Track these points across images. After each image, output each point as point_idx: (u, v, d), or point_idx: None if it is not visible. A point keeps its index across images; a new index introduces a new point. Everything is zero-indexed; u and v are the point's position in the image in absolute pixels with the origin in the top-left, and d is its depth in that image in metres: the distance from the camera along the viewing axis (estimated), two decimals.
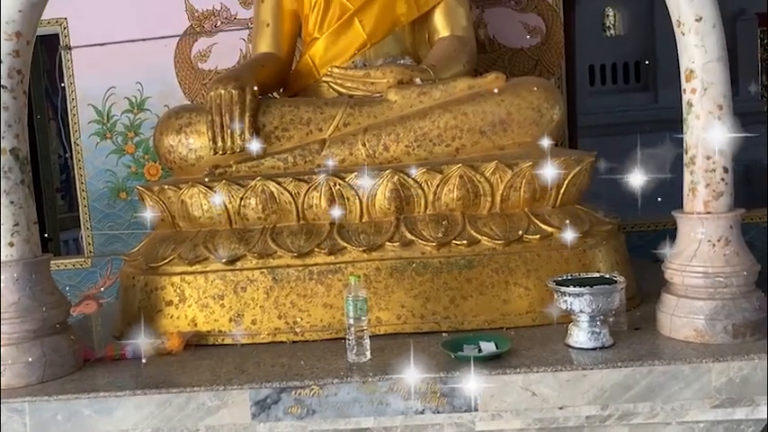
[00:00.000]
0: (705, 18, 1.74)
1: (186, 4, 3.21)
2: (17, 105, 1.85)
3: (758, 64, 6.40)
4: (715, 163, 1.78)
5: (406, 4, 2.60)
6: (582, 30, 4.54)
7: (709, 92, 1.76)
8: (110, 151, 3.27)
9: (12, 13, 1.82)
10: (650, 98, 6.47)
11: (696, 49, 1.76)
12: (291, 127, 2.31)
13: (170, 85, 3.22)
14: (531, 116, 2.25)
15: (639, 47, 6.65)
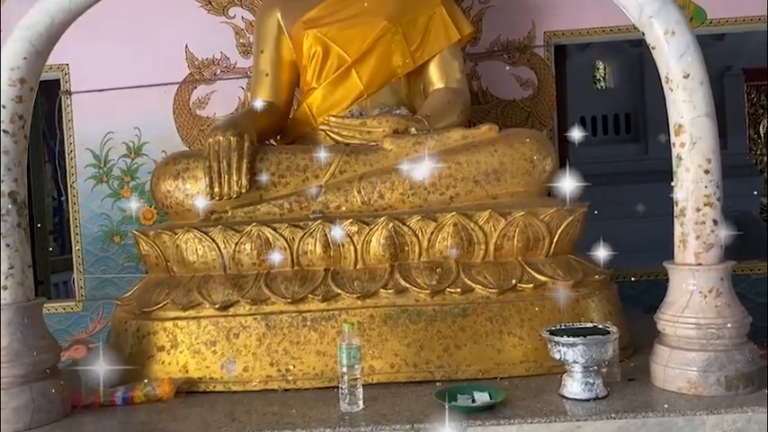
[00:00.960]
0: (693, 75, 1.79)
1: (186, 53, 3.27)
2: (17, 150, 1.87)
3: (745, 118, 6.54)
4: (705, 215, 1.81)
5: (403, 57, 2.67)
6: (573, 82, 4.65)
7: (698, 146, 1.81)
8: (105, 195, 3.28)
9: (17, 60, 1.86)
10: (641, 149, 6.58)
11: (684, 105, 1.81)
12: (288, 173, 2.34)
13: (168, 130, 3.26)
14: (523, 166, 2.29)
15: (629, 99, 6.80)
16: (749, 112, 6.53)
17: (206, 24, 3.25)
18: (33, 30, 1.86)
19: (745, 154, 6.35)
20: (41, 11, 1.87)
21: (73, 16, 1.90)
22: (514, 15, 3.22)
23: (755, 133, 6.56)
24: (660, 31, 1.80)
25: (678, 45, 1.79)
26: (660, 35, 1.80)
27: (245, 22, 3.25)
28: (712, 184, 1.81)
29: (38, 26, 1.87)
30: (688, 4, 3.17)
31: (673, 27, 1.79)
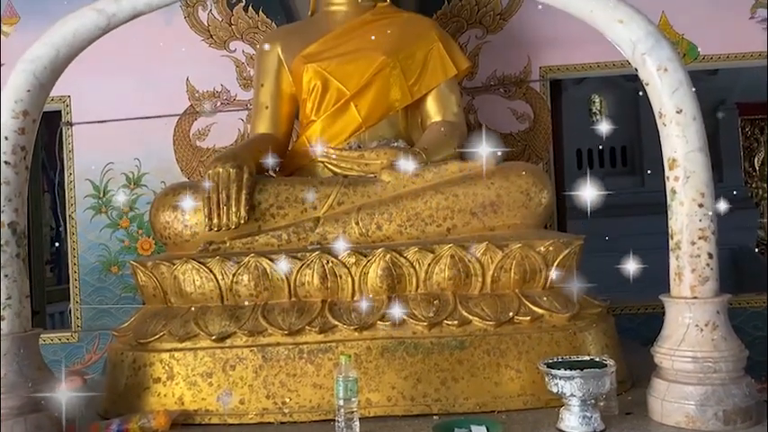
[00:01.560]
0: (685, 111, 1.82)
1: (187, 85, 3.31)
2: (18, 181, 1.89)
3: (740, 151, 6.60)
4: (700, 249, 1.82)
5: (401, 91, 2.71)
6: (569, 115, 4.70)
7: (692, 180, 1.83)
8: (104, 225, 3.29)
9: (20, 92, 1.89)
10: (637, 182, 6.62)
11: (678, 140, 1.83)
12: (286, 205, 2.35)
13: (167, 161, 3.29)
14: (520, 199, 2.31)
15: (625, 132, 6.85)
16: (744, 146, 6.58)
17: (207, 58, 3.30)
18: (38, 63, 1.90)
19: (741, 187, 6.39)
20: (46, 44, 1.90)
21: (77, 50, 1.94)
22: (510, 51, 3.27)
23: (750, 166, 6.60)
24: (653, 68, 1.83)
25: (671, 81, 1.82)
26: (653, 72, 1.84)
27: (246, 56, 3.30)
28: (707, 218, 1.83)
29: (42, 59, 1.90)
30: (681, 41, 3.23)
31: (665, 64, 1.83)
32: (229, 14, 3.31)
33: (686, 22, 3.23)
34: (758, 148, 6.59)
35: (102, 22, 1.89)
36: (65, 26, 1.90)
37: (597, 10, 1.87)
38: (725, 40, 3.22)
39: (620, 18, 1.85)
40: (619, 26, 1.86)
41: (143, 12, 1.91)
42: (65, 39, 1.88)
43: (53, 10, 3.24)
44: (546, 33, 3.21)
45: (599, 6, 1.87)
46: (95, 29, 1.90)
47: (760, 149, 6.57)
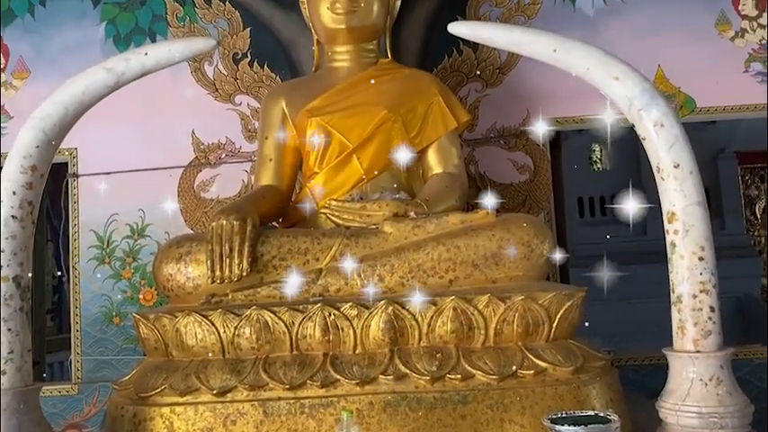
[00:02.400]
0: (682, 165, 1.85)
1: (193, 137, 3.37)
2: (24, 234, 1.91)
3: (741, 199, 6.64)
4: (701, 302, 1.82)
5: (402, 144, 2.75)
6: (569, 164, 4.75)
7: (691, 233, 1.85)
8: (107, 276, 3.30)
9: (29, 148, 1.93)
10: (639, 230, 6.63)
11: (676, 194, 1.86)
12: (289, 256, 2.36)
13: (172, 212, 3.31)
14: (521, 251, 2.32)
15: (626, 180, 6.90)
16: (745, 194, 6.63)
17: (212, 111, 3.37)
18: (47, 120, 1.94)
19: (743, 234, 6.40)
20: (56, 102, 1.95)
21: (85, 107, 1.99)
22: (509, 103, 3.33)
23: (752, 214, 6.64)
24: (649, 124, 1.87)
25: (667, 137, 1.86)
26: (650, 127, 1.88)
27: (251, 109, 3.37)
28: (707, 271, 1.83)
29: (52, 116, 1.95)
30: (677, 93, 3.29)
31: (661, 120, 1.87)
32: (235, 69, 3.39)
33: (682, 75, 3.30)
34: (759, 197, 6.63)
35: (110, 80, 1.94)
36: (74, 84, 1.95)
37: (593, 67, 1.92)
38: (721, 93, 3.28)
39: (615, 75, 1.90)
40: (615, 83, 1.91)
41: (151, 70, 1.97)
42: (74, 97, 1.93)
43: (63, 63, 3.38)
44: (544, 87, 3.27)
45: (595, 64, 1.92)
46: (104, 87, 1.95)
47: (761, 198, 6.62)
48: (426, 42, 3.35)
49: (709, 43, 3.29)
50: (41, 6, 3.48)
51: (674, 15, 3.31)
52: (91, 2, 3.47)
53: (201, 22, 3.42)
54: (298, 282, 2.27)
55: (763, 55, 3.31)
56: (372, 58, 2.94)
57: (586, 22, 3.35)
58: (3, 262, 1.85)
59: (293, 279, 2.28)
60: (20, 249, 1.90)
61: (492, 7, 3.38)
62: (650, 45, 3.26)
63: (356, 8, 2.78)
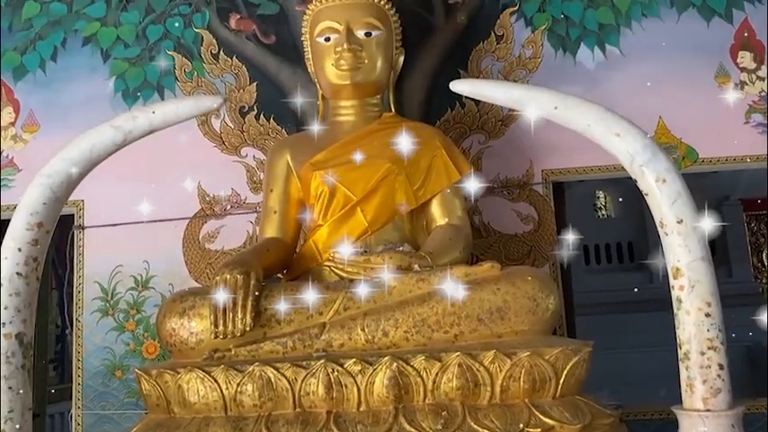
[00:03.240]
0: (686, 221, 1.86)
1: (198, 189, 3.40)
2: (29, 291, 1.91)
3: (748, 246, 6.61)
4: (710, 359, 1.80)
5: (405, 196, 2.76)
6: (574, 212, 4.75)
7: (697, 289, 1.84)
8: (110, 328, 3.29)
9: (36, 205, 1.95)
10: (645, 277, 6.59)
11: (680, 249, 1.86)
12: (292, 311, 2.35)
13: (176, 264, 3.32)
14: (527, 305, 2.31)
15: (631, 227, 6.90)
16: (751, 241, 6.61)
17: (219, 163, 3.41)
18: (55, 177, 1.97)
19: (751, 282, 6.35)
20: (64, 159, 1.98)
21: (93, 165, 2.02)
22: (512, 155, 3.36)
23: (759, 261, 6.60)
24: (652, 180, 1.88)
25: (669, 192, 1.87)
26: (652, 183, 1.89)
27: (256, 160, 3.41)
28: (714, 328, 1.82)
29: (59, 174, 1.98)
30: (679, 144, 3.32)
31: (663, 175, 1.88)
32: (241, 122, 3.44)
33: (684, 126, 3.33)
34: (765, 244, 6.60)
35: (118, 138, 1.98)
36: (83, 142, 1.99)
37: (594, 124, 1.95)
38: (723, 144, 3.30)
39: (616, 132, 1.92)
40: (616, 139, 1.93)
41: (159, 128, 2.00)
42: (82, 154, 1.96)
43: (72, 117, 3.44)
44: (547, 139, 3.29)
45: (596, 121, 1.94)
46: (112, 144, 1.99)
47: (767, 245, 6.59)
48: (429, 95, 3.40)
49: (709, 95, 3.33)
50: (53, 62, 3.56)
51: (673, 68, 3.35)
52: (101, 57, 3.55)
53: (209, 76, 3.49)
54: (301, 337, 2.26)
55: (763, 106, 3.34)
56: (376, 111, 2.99)
57: (587, 75, 3.40)
58: (6, 319, 1.85)
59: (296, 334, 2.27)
60: (23, 306, 1.90)
61: (494, 61, 3.43)
62: (651, 97, 3.30)
63: (360, 65, 2.83)
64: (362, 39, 2.84)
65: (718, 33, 3.41)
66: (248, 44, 3.51)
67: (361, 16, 2.85)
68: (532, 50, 3.44)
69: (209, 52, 3.51)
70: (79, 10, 3.59)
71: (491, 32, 3.45)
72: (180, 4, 3.56)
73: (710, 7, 3.45)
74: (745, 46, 3.40)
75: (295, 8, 3.52)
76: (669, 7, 3.46)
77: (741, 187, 6.35)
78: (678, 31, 3.42)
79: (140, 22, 3.55)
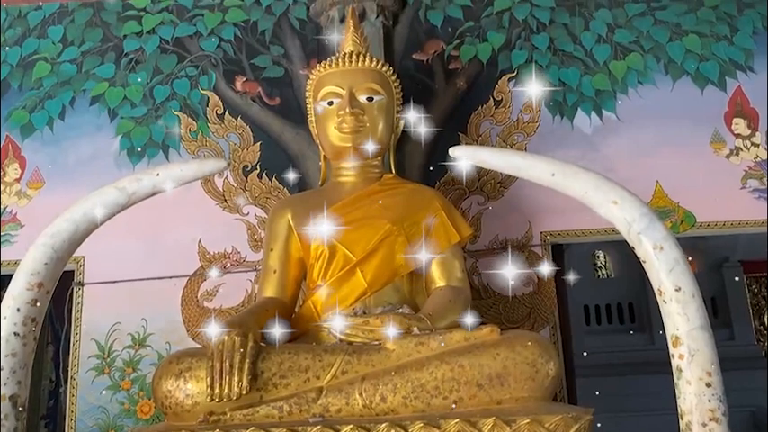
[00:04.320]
0: (684, 289, 1.86)
1: (199, 247, 3.41)
2: (25, 352, 1.91)
3: (749, 309, 6.57)
4: (712, 431, 1.78)
5: (405, 257, 2.77)
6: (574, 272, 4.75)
7: (697, 358, 1.83)
8: (105, 387, 3.25)
9: (38, 265, 1.96)
10: (646, 339, 6.53)
11: (679, 317, 1.86)
12: (289, 374, 2.32)
13: (174, 322, 3.31)
14: (527, 371, 2.28)
15: (632, 288, 6.87)
16: (752, 303, 6.57)
17: (220, 221, 3.44)
18: (57, 237, 1.99)
19: (753, 345, 6.29)
20: (68, 220, 2.00)
21: (96, 225, 2.03)
22: (511, 216, 3.39)
23: (761, 324, 6.55)
24: (649, 247, 1.90)
25: (667, 260, 1.88)
26: (649, 250, 1.90)
27: (258, 219, 3.44)
28: (715, 398, 1.80)
29: (62, 234, 1.99)
30: (677, 209, 3.35)
31: (661, 243, 1.90)
32: (244, 181, 3.49)
33: (681, 191, 3.37)
34: (766, 306, 6.57)
35: (122, 199, 2.00)
36: (86, 202, 2.01)
37: (592, 191, 1.98)
38: (720, 208, 3.34)
39: (613, 199, 1.95)
40: (613, 207, 1.95)
41: (162, 190, 2.03)
42: (86, 215, 1.99)
43: (77, 175, 3.49)
44: (545, 201, 3.33)
45: (593, 188, 1.97)
46: (116, 205, 2.01)
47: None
48: (429, 157, 3.46)
49: (705, 161, 3.39)
50: (60, 120, 3.64)
51: (669, 134, 3.43)
52: (108, 116, 3.63)
53: (213, 136, 3.55)
54: (297, 401, 2.23)
55: (759, 172, 3.39)
56: (377, 173, 3.03)
57: (585, 139, 3.47)
58: (1, 380, 1.83)
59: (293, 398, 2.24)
60: (19, 367, 1.89)
61: (492, 125, 3.51)
62: (648, 162, 3.37)
63: (361, 128, 2.89)
64: (364, 103, 2.90)
65: (712, 100, 3.50)
66: (253, 105, 3.59)
67: (363, 81, 2.92)
68: (530, 115, 3.51)
69: (214, 113, 3.58)
70: (89, 70, 3.69)
71: (490, 97, 3.53)
72: (187, 66, 3.66)
73: (704, 75, 3.55)
74: (739, 113, 3.48)
75: (299, 71, 3.63)
76: (664, 75, 3.56)
77: (741, 249, 6.35)
78: (673, 98, 3.51)
79: (148, 82, 3.65)
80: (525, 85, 3.53)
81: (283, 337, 2.79)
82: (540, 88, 3.51)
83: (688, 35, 3.60)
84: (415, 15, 3.70)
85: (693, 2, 3.66)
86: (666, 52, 3.59)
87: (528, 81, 3.53)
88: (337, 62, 2.98)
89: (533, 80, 3.52)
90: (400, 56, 3.61)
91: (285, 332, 2.65)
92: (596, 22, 3.65)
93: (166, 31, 3.72)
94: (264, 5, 3.74)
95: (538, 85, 3.51)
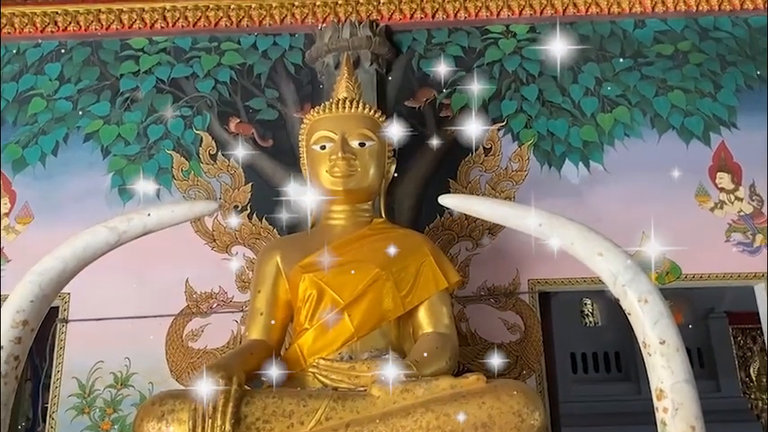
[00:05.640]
0: (668, 342, 1.88)
1: (186, 286, 3.40)
2: (6, 391, 1.88)
3: (735, 360, 6.58)
4: None
5: (393, 302, 2.77)
6: (561, 318, 4.75)
7: (681, 412, 1.83)
8: (84, 427, 3.18)
9: (24, 302, 1.95)
10: (633, 389, 6.50)
11: (663, 371, 1.87)
12: (273, 419, 2.30)
13: (158, 361, 3.27)
14: (512, 421, 2.27)
15: (619, 337, 6.87)
16: (738, 355, 6.58)
17: (208, 261, 3.43)
18: (45, 275, 1.98)
19: (739, 397, 6.27)
20: (56, 258, 2.00)
21: (84, 264, 2.04)
22: (499, 263, 3.41)
23: (747, 376, 6.54)
24: (634, 300, 1.92)
25: (652, 313, 1.90)
26: (635, 303, 1.92)
27: (246, 259, 3.43)
28: None
29: (50, 272, 1.99)
30: (663, 260, 3.38)
31: (645, 296, 1.92)
32: (234, 221, 3.50)
33: (666, 242, 3.40)
34: (752, 358, 6.58)
35: (112, 238, 2.01)
36: (76, 241, 2.02)
37: (577, 243, 2.01)
38: (705, 261, 3.38)
39: (599, 251, 1.98)
40: (599, 258, 1.98)
41: (153, 230, 2.04)
42: (74, 253, 1.99)
43: (67, 211, 3.48)
44: (533, 248, 3.33)
45: (579, 240, 2.00)
46: (105, 245, 2.02)
47: (754, 359, 6.56)
48: (419, 202, 3.50)
49: (690, 213, 3.44)
50: (53, 156, 3.65)
51: (655, 186, 3.48)
52: (101, 153, 3.64)
53: (205, 176, 3.58)
54: None
55: (743, 226, 3.45)
56: (367, 217, 3.05)
57: (572, 189, 3.52)
58: None
59: None
60: None
61: (482, 172, 3.56)
62: (634, 213, 3.41)
63: (353, 172, 2.92)
64: (356, 148, 2.94)
65: (696, 155, 3.58)
66: (246, 146, 3.62)
67: (355, 127, 2.96)
68: (519, 164, 3.57)
69: (207, 153, 3.62)
70: (84, 108, 3.72)
71: (480, 145, 3.59)
72: (182, 106, 3.70)
73: (689, 130, 3.63)
74: (723, 167, 3.55)
75: (293, 115, 3.68)
76: (650, 128, 3.64)
77: (727, 300, 6.39)
78: (659, 151, 3.59)
79: (142, 121, 3.68)
80: (514, 134, 3.60)
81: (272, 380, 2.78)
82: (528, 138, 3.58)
83: (673, 90, 3.70)
84: (408, 64, 3.79)
85: (679, 58, 3.77)
86: (653, 106, 3.68)
87: (517, 130, 3.61)
88: (331, 107, 3.03)
89: (522, 129, 3.60)
90: (393, 103, 3.68)
91: (280, 373, 2.65)
92: (584, 75, 3.74)
93: (163, 72, 3.77)
94: (261, 50, 3.81)
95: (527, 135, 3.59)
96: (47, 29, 3.82)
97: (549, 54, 3.74)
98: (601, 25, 3.83)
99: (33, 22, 3.82)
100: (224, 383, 2.28)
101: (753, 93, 3.68)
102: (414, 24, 3.80)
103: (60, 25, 3.83)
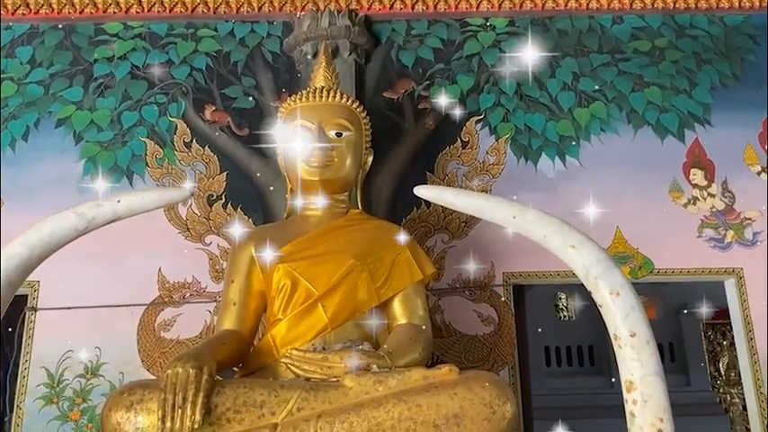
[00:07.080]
0: (639, 335, 1.89)
1: (159, 275, 3.36)
2: None
3: (705, 355, 6.68)
4: None
5: (368, 293, 2.76)
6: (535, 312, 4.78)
7: (650, 404, 1.85)
8: (52, 417, 3.14)
9: None
10: (605, 382, 6.56)
11: (633, 363, 1.88)
12: (244, 409, 2.28)
13: (129, 351, 3.23)
14: (483, 412, 2.28)
15: (593, 331, 6.92)
16: (708, 350, 6.68)
17: (181, 249, 3.39)
18: (10, 261, 1.94)
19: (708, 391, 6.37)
20: (22, 244, 1.96)
21: (52, 250, 2.00)
22: (474, 256, 3.41)
23: (716, 371, 6.65)
24: (606, 292, 1.93)
25: (623, 306, 1.91)
26: (606, 295, 1.93)
27: (220, 249, 3.40)
28: None
29: (15, 258, 1.95)
30: (636, 254, 3.42)
31: (617, 289, 1.93)
32: (208, 210, 3.46)
33: (640, 237, 3.45)
34: (722, 353, 6.68)
35: (80, 225, 1.97)
36: (43, 227, 1.97)
37: (550, 235, 2.01)
38: (677, 256, 3.43)
39: (572, 244, 1.98)
40: (571, 251, 1.99)
41: (122, 217, 2.00)
42: (41, 239, 1.95)
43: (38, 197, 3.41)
44: (508, 241, 3.34)
45: (552, 233, 2.00)
46: (73, 231, 1.97)
47: (724, 354, 6.67)
48: (396, 193, 3.50)
49: (663, 209, 3.48)
50: (23, 141, 3.58)
51: (629, 181, 3.52)
52: (73, 139, 3.58)
53: (180, 164, 3.53)
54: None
55: (715, 222, 3.49)
56: (343, 208, 3.03)
57: (548, 183, 3.54)
58: None
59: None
60: None
61: (459, 165, 3.56)
62: (609, 207, 3.41)
63: (330, 162, 2.90)
64: (333, 138, 2.92)
65: (671, 151, 3.62)
66: (221, 135, 3.59)
67: (332, 117, 2.94)
68: (496, 157, 3.58)
69: (181, 141, 3.57)
70: (56, 93, 3.65)
71: (457, 138, 3.59)
72: (157, 93, 3.65)
73: (664, 126, 3.67)
74: (697, 164, 3.59)
75: (270, 103, 3.65)
76: (626, 124, 3.67)
77: (698, 295, 6.47)
78: (634, 147, 3.62)
79: (116, 107, 3.62)
80: (492, 128, 3.61)
81: (240, 371, 2.76)
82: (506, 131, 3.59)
83: (650, 87, 3.74)
84: (387, 55, 3.77)
85: (655, 55, 3.80)
86: (629, 102, 3.71)
87: (495, 124, 3.61)
88: (308, 96, 3.00)
89: (500, 123, 3.60)
90: (371, 93, 3.66)
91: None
92: (562, 69, 3.76)
93: (138, 58, 3.71)
94: (238, 37, 3.77)
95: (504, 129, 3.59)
96: (18, 11, 3.74)
97: (527, 48, 3.75)
98: (579, 20, 3.85)
99: (4, 5, 3.73)
100: (194, 373, 2.26)
101: (727, 90, 3.73)
102: (393, 15, 3.78)
103: (32, 8, 3.74)
